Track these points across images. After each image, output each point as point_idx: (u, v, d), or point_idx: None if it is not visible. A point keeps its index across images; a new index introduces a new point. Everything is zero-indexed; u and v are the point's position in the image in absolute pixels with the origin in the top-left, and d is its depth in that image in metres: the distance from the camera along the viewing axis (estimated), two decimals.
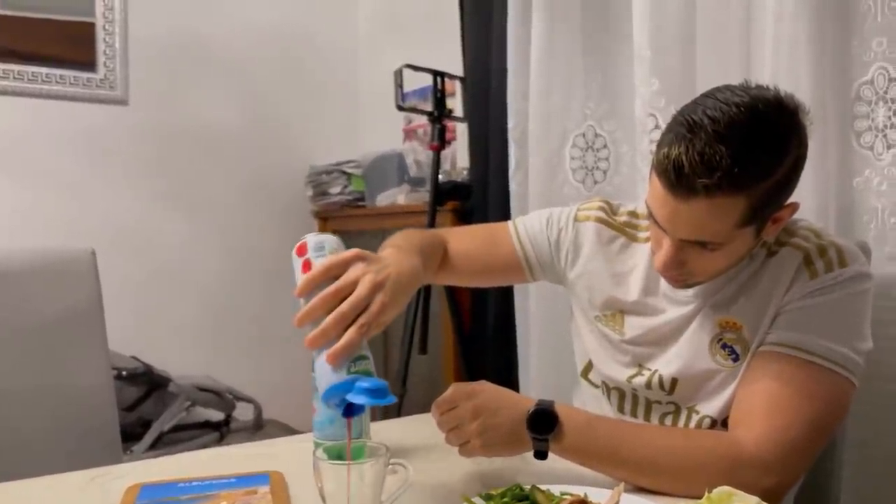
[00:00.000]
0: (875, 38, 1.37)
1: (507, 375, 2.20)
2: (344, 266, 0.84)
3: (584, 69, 1.98)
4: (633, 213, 1.20)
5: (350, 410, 0.81)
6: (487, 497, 0.84)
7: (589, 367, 1.21)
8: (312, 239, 0.88)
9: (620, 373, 1.14)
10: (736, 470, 0.89)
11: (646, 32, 1.68)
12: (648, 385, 1.10)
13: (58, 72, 2.76)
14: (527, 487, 0.84)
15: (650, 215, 0.99)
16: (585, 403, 1.23)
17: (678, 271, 1.00)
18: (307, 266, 0.86)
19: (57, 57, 2.76)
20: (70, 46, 2.78)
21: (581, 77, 1.98)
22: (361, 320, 0.81)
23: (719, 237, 0.93)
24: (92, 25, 2.82)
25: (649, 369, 1.11)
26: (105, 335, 1.37)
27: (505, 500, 0.82)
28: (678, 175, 0.89)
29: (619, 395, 1.16)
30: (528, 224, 1.25)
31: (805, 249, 1.00)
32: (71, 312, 1.34)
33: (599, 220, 1.20)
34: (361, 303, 0.81)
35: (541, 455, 0.93)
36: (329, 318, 0.80)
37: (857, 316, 0.99)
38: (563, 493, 0.83)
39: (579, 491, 0.82)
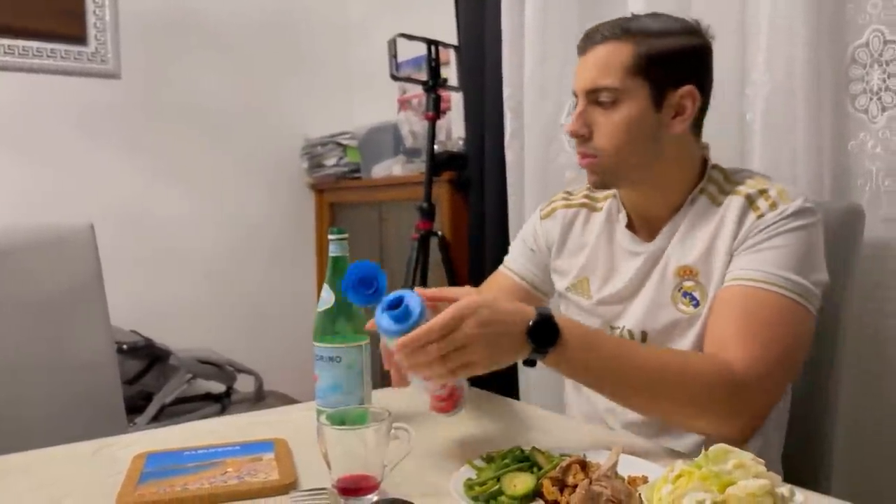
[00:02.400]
0: (870, 0, 1.36)
1: None
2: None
3: (579, 36, 1.96)
4: (590, 188, 1.28)
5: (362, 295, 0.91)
6: (489, 459, 0.86)
7: None
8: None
9: None
10: (733, 392, 0.94)
11: None
12: None
13: (49, 46, 2.74)
14: (527, 449, 0.86)
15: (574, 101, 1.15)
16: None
17: (583, 138, 1.11)
18: None
19: (47, 31, 2.73)
20: (60, 20, 2.75)
21: (576, 44, 1.97)
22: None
23: (612, 79, 1.07)
24: None
25: (618, 327, 1.16)
26: (106, 308, 1.38)
27: (506, 461, 0.83)
28: (585, 35, 1.13)
29: None
30: (513, 253, 1.35)
31: (746, 193, 1.08)
32: (72, 286, 1.35)
33: (560, 206, 1.29)
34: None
35: (532, 362, 0.94)
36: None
37: (810, 248, 1.04)
38: (561, 455, 0.84)
39: (578, 453, 0.84)
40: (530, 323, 0.90)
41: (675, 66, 1.09)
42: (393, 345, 0.88)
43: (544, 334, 0.91)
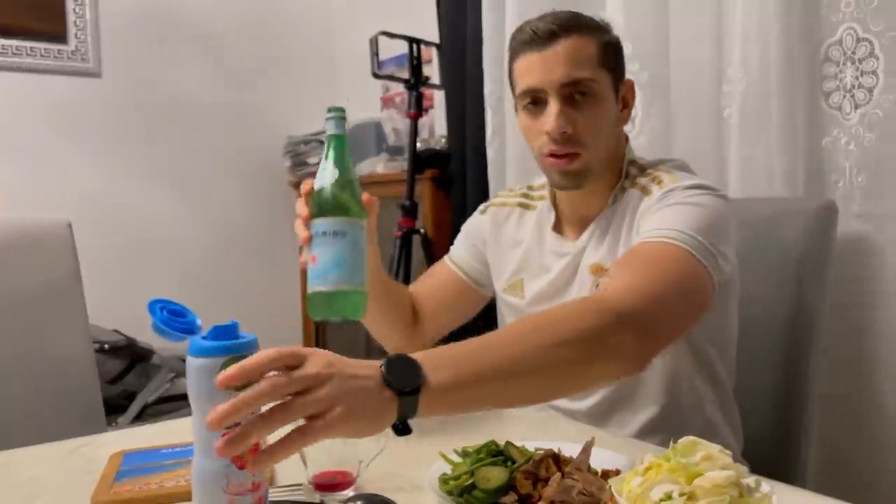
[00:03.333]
0: None
1: None
2: None
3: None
4: (529, 187, 1.30)
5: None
6: (464, 453, 0.87)
7: None
8: None
9: None
10: (608, 318, 0.83)
11: None
12: None
13: (28, 44, 2.72)
14: (501, 444, 0.87)
15: (525, 102, 1.10)
16: None
17: (567, 137, 1.07)
18: None
19: (26, 29, 2.71)
20: (40, 18, 2.73)
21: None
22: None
23: (587, 70, 1.06)
24: None
25: None
26: (84, 307, 1.38)
27: (480, 456, 0.84)
28: (537, 32, 1.07)
29: None
30: (456, 245, 1.36)
31: (640, 185, 1.12)
32: (49, 284, 1.34)
33: (497, 204, 1.31)
34: None
35: (403, 428, 0.77)
36: None
37: (709, 219, 1.01)
38: (535, 449, 0.85)
39: (553, 446, 0.85)
40: (381, 367, 0.68)
41: (620, 59, 1.13)
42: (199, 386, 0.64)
43: (402, 371, 0.68)
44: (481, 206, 1.34)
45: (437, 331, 1.33)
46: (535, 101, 1.09)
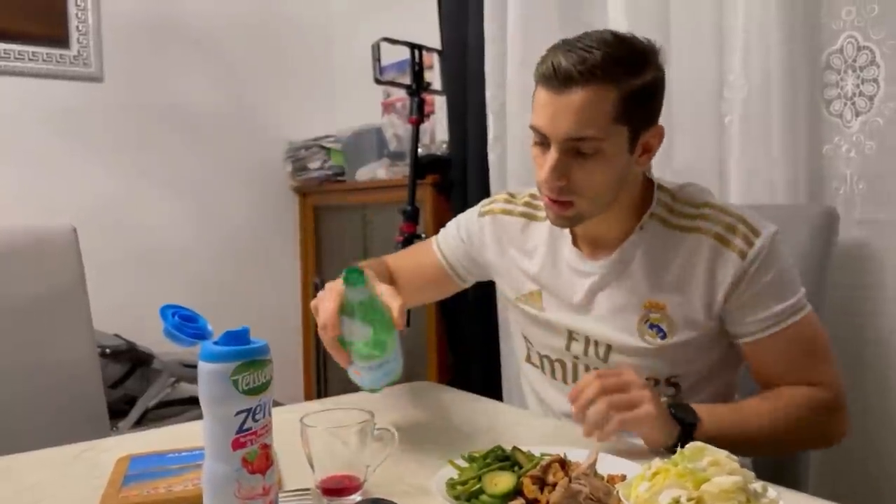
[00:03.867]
0: (844, 7, 1.39)
1: (488, 346, 2.23)
2: None
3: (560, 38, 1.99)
4: (532, 195, 1.25)
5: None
6: (471, 459, 0.87)
7: (529, 348, 1.26)
8: None
9: (557, 342, 1.19)
10: (832, 414, 1.10)
11: (621, 3, 1.70)
12: (585, 352, 1.15)
13: (30, 49, 2.72)
14: (508, 449, 0.87)
15: (535, 138, 1.06)
16: (532, 385, 1.28)
17: (560, 188, 1.04)
18: None
19: (28, 33, 2.72)
20: (42, 22, 2.74)
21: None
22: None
23: (596, 129, 0.99)
24: (64, 1, 2.77)
25: (578, 338, 1.16)
26: (89, 312, 1.38)
27: (487, 461, 0.84)
28: (557, 71, 0.99)
29: (562, 366, 1.20)
30: (446, 233, 1.35)
31: (713, 232, 1.07)
32: (54, 290, 1.34)
33: (500, 212, 1.27)
34: None
35: (677, 445, 0.96)
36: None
37: (790, 267, 1.10)
38: (542, 454, 0.85)
39: (558, 451, 0.85)
40: (667, 405, 1.00)
41: (649, 106, 1.05)
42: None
43: (685, 412, 0.99)
44: (481, 209, 1.30)
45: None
46: (540, 140, 1.06)
